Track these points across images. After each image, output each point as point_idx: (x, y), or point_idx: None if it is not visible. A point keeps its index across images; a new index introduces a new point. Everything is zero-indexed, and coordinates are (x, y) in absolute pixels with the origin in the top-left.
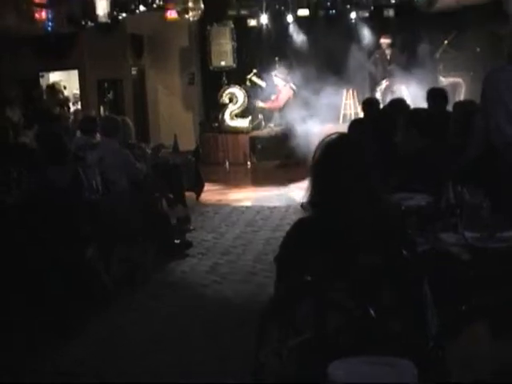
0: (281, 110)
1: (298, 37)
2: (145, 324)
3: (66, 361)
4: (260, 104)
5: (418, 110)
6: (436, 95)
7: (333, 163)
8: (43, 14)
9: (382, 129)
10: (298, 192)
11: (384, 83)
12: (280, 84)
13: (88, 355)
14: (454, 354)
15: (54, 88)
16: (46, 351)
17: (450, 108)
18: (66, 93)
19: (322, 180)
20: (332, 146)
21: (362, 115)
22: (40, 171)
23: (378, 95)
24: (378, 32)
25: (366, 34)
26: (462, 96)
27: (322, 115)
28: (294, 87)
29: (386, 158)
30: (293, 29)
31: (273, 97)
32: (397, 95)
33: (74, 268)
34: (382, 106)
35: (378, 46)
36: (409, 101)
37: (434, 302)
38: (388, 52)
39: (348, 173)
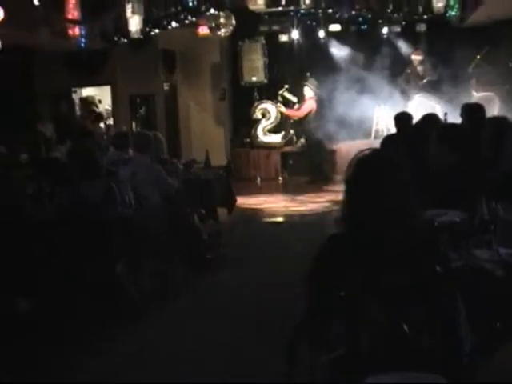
0: (301, 120)
1: (330, 52)
2: (174, 339)
3: (93, 374)
4: (282, 109)
5: (450, 126)
6: (471, 111)
7: (366, 179)
8: (76, 30)
9: (415, 144)
10: (330, 207)
11: (416, 98)
12: (308, 95)
13: (116, 369)
14: (487, 372)
15: (86, 100)
16: (73, 364)
17: None
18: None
19: (355, 196)
20: (365, 162)
21: (393, 130)
22: (73, 186)
23: (410, 110)
24: (409, 47)
25: (398, 49)
26: (495, 110)
27: (353, 130)
28: (322, 96)
29: (419, 174)
30: (324, 44)
31: (296, 106)
32: (429, 110)
33: (104, 282)
34: (414, 121)
35: (409, 61)
36: (441, 116)
37: (468, 319)
38: (420, 68)
39: (381, 189)
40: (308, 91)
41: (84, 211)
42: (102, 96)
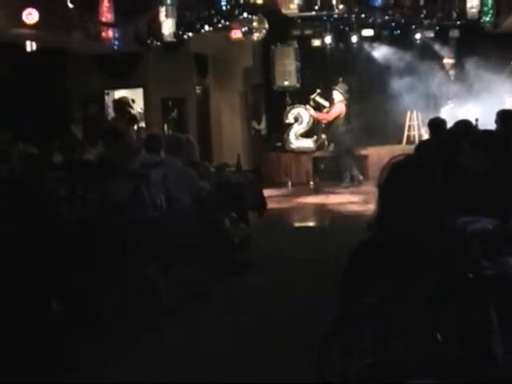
0: (331, 124)
1: (362, 57)
2: (203, 343)
3: (115, 376)
4: (311, 112)
5: (485, 132)
6: (506, 117)
7: (399, 184)
8: (110, 33)
9: (448, 150)
10: (361, 212)
11: (449, 104)
12: (337, 98)
13: (139, 373)
14: None
15: (120, 102)
16: (98, 367)
17: None
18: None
19: (387, 201)
20: (399, 168)
21: (425, 136)
22: (101, 188)
23: (443, 116)
24: (442, 52)
25: (431, 54)
26: None
27: (385, 136)
28: (352, 101)
29: (452, 180)
30: (357, 49)
31: (326, 109)
32: (462, 116)
33: (135, 285)
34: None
35: (442, 66)
36: (474, 122)
37: (500, 328)
38: (452, 72)
39: (414, 194)
40: (337, 95)
41: (112, 213)
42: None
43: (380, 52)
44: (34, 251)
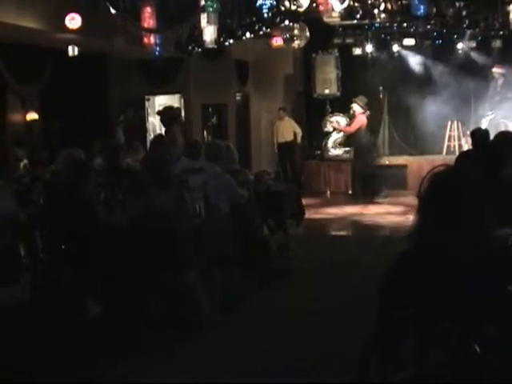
0: (353, 136)
1: (403, 66)
2: (240, 354)
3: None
4: (334, 124)
5: None
6: None
7: (440, 196)
8: (151, 39)
9: (490, 162)
10: (400, 222)
11: (489, 114)
12: (358, 111)
13: (175, 378)
14: None
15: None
16: (133, 372)
17: None
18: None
19: (428, 212)
20: (440, 179)
21: (465, 147)
22: (145, 194)
23: (484, 126)
24: (484, 62)
25: (473, 65)
26: None
27: (425, 146)
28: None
29: (493, 192)
30: (398, 58)
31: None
32: (503, 127)
33: (173, 290)
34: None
35: (492, 76)
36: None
37: None
38: (500, 82)
39: (455, 206)
40: (357, 107)
41: (156, 219)
42: (174, 104)
43: (421, 61)
44: (74, 253)
